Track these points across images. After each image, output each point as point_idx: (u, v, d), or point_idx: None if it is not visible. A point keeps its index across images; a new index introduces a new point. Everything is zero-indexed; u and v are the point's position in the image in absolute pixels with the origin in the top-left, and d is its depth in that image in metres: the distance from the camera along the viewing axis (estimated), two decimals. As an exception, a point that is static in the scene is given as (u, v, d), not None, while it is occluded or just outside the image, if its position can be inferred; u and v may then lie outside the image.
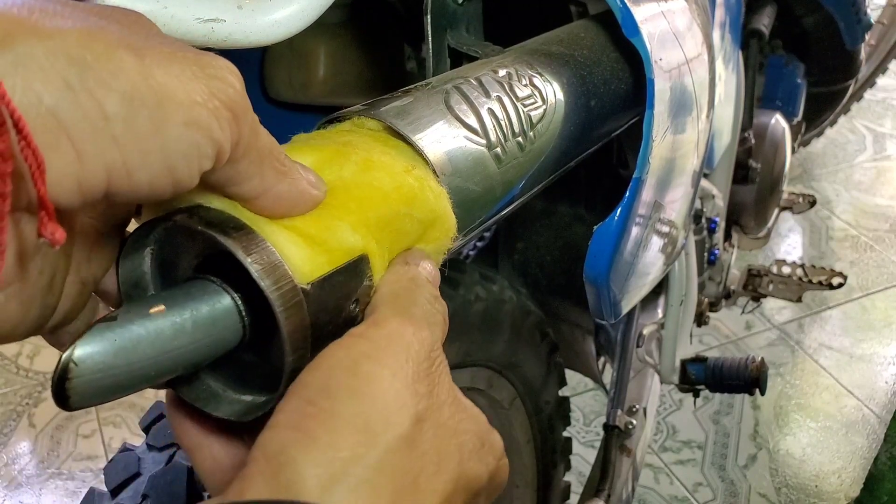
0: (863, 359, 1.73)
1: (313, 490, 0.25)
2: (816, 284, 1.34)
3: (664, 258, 0.66)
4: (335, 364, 0.28)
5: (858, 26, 1.22)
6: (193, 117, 0.25)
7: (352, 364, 0.28)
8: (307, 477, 0.25)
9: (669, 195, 0.61)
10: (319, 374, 0.28)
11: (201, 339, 0.29)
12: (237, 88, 0.27)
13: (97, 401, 0.27)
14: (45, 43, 0.23)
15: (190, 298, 0.29)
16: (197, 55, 0.27)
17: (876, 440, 1.53)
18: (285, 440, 0.26)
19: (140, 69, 0.24)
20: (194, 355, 0.29)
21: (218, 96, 0.26)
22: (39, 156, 0.23)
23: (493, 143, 0.41)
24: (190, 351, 0.28)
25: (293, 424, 0.26)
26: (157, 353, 0.27)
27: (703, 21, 0.64)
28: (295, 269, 0.29)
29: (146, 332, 0.27)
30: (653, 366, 0.96)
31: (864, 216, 2.16)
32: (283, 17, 0.44)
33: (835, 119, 1.77)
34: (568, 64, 0.50)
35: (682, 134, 0.58)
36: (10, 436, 1.50)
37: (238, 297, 0.30)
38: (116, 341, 0.26)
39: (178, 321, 0.28)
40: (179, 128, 0.25)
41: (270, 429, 0.27)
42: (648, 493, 1.45)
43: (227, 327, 0.29)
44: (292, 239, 0.30)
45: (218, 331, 0.29)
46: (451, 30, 0.54)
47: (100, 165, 0.24)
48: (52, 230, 0.23)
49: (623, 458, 0.90)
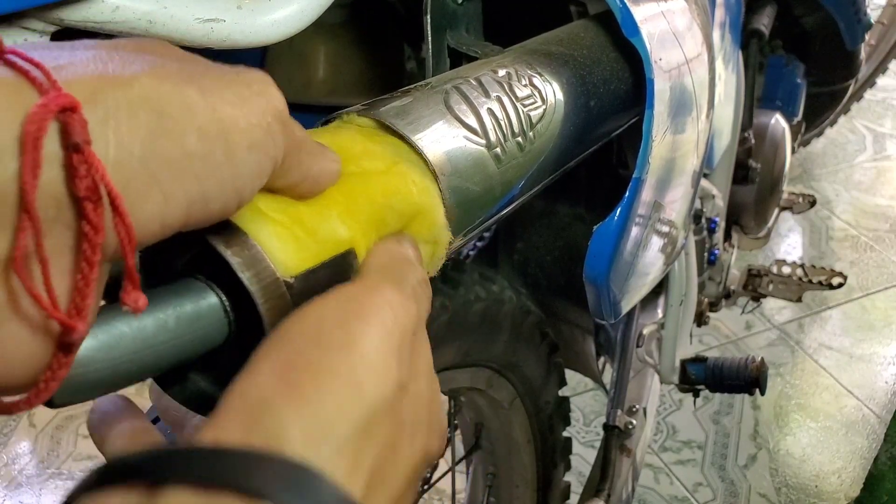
0: (863, 359, 1.73)
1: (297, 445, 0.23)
2: (816, 284, 1.34)
3: (664, 258, 0.66)
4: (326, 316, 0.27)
5: (858, 26, 1.22)
6: (254, 141, 0.27)
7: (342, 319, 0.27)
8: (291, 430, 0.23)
9: (669, 195, 0.61)
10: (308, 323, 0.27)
11: (185, 335, 0.28)
12: (280, 99, 0.28)
13: (81, 397, 0.27)
14: (126, 94, 0.24)
15: (174, 295, 0.29)
16: (238, 74, 0.28)
17: (876, 440, 1.53)
18: (268, 388, 0.24)
19: (206, 104, 0.25)
20: (179, 352, 0.28)
21: (269, 112, 0.27)
22: (132, 230, 0.23)
23: (492, 143, 0.41)
24: (174, 347, 0.28)
25: (278, 373, 0.25)
26: (140, 350, 0.27)
27: (703, 21, 0.64)
28: (278, 262, 0.29)
29: (129, 329, 0.27)
30: (653, 366, 0.96)
31: (864, 216, 2.16)
32: (283, 18, 0.44)
33: (835, 119, 1.77)
34: (567, 64, 0.50)
35: (681, 134, 0.59)
36: (10, 436, 1.50)
37: (223, 294, 0.29)
38: (99, 337, 0.26)
39: (161, 317, 0.28)
40: (245, 153, 0.26)
41: (251, 374, 0.25)
42: (648, 493, 1.45)
43: (212, 324, 0.29)
44: (277, 232, 0.30)
45: (202, 327, 0.29)
46: (450, 30, 0.54)
47: (183, 203, 0.25)
48: (135, 298, 0.24)
49: (623, 458, 0.90)
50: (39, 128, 0.21)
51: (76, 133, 0.22)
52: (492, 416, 0.84)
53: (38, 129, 0.21)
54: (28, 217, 0.22)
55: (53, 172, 0.22)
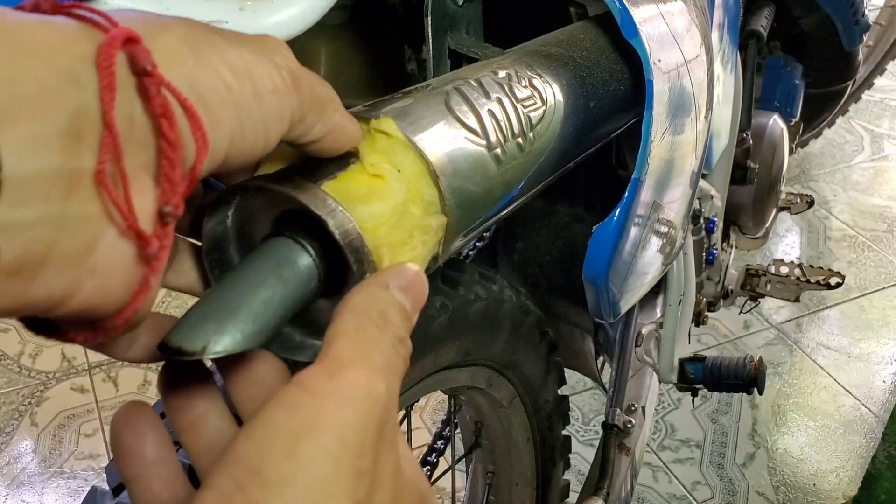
0: (860, 358, 1.74)
1: None
2: (814, 284, 1.35)
3: (663, 258, 0.66)
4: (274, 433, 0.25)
5: (856, 27, 1.23)
6: (275, 85, 0.29)
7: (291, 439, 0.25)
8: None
9: (668, 195, 0.61)
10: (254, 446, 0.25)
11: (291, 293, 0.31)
12: (291, 57, 0.31)
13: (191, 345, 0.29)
14: (170, 34, 0.27)
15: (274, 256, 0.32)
16: (255, 36, 0.31)
17: (874, 439, 1.54)
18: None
19: (233, 49, 0.28)
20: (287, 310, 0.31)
21: (283, 67, 0.30)
22: (205, 133, 0.26)
23: (492, 144, 0.41)
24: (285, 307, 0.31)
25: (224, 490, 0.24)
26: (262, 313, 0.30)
27: (702, 22, 0.64)
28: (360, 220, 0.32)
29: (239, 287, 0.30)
30: (651, 365, 0.96)
31: (862, 216, 2.17)
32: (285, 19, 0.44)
33: (833, 120, 1.77)
34: (567, 65, 0.50)
35: (680, 135, 0.59)
36: (13, 435, 1.50)
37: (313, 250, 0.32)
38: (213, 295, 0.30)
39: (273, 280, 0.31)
40: (268, 94, 0.29)
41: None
42: (647, 492, 1.45)
43: (310, 279, 0.32)
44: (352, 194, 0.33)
45: (303, 284, 0.32)
46: (451, 31, 0.54)
47: (227, 131, 0.28)
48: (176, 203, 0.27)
49: (622, 456, 0.90)
50: (111, 53, 0.24)
51: (144, 58, 0.25)
52: (491, 414, 0.84)
53: (110, 54, 0.24)
54: (108, 132, 0.24)
55: (126, 95, 0.25)
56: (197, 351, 0.28)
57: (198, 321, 0.29)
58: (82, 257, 0.25)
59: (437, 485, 1.16)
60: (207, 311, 0.30)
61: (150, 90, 0.25)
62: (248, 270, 0.31)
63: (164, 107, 0.25)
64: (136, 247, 0.26)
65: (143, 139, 0.26)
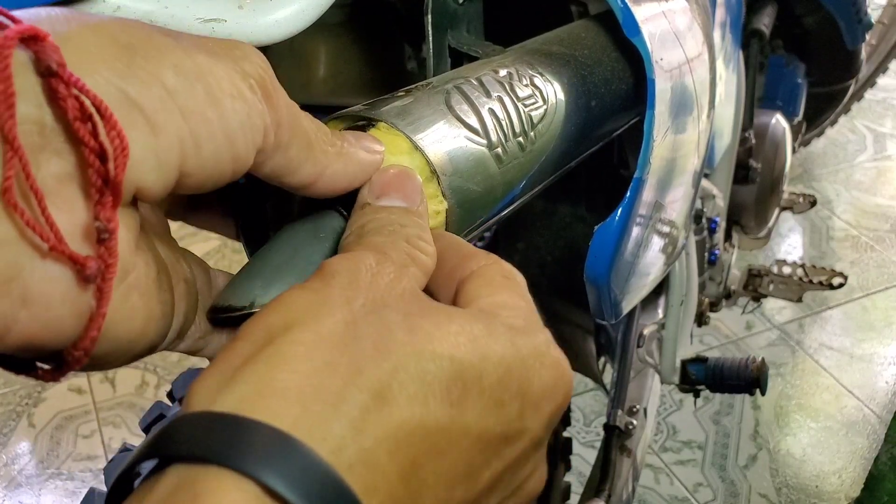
0: (863, 359, 1.73)
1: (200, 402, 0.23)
2: (817, 284, 1.34)
3: (665, 258, 0.66)
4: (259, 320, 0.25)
5: (859, 26, 1.22)
6: (238, 89, 0.26)
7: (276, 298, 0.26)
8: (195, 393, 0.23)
9: (670, 195, 0.61)
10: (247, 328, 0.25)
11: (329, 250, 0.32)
12: (265, 67, 0.28)
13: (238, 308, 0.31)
14: (97, 34, 0.24)
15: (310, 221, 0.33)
16: (221, 40, 0.28)
17: (876, 440, 1.53)
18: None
19: (180, 49, 0.26)
20: None
21: (251, 74, 0.27)
22: (124, 137, 0.23)
23: (493, 143, 0.41)
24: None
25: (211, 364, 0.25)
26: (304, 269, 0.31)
27: (704, 21, 0.64)
28: None
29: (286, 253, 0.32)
30: (653, 366, 0.96)
31: (865, 216, 2.16)
32: (284, 17, 0.44)
33: (835, 119, 1.76)
34: (569, 64, 0.50)
35: (682, 134, 0.58)
36: (10, 436, 1.50)
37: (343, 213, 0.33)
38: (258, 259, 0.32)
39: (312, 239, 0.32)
40: (228, 99, 0.26)
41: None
42: (649, 494, 1.45)
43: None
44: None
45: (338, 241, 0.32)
46: (451, 30, 0.54)
47: (173, 137, 0.25)
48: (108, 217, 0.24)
49: (623, 458, 0.90)
50: (3, 55, 0.21)
51: (48, 57, 0.22)
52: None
53: (3, 56, 0.21)
54: (10, 147, 0.21)
55: (33, 98, 0.22)
56: (245, 306, 0.29)
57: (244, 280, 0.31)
58: (5, 283, 0.22)
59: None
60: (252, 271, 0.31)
61: (59, 91, 0.22)
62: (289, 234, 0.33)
63: (77, 110, 0.22)
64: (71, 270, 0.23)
65: (59, 146, 0.23)
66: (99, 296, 0.24)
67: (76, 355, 0.25)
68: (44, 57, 0.22)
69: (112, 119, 0.23)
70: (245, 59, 0.27)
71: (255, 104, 0.27)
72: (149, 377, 1.61)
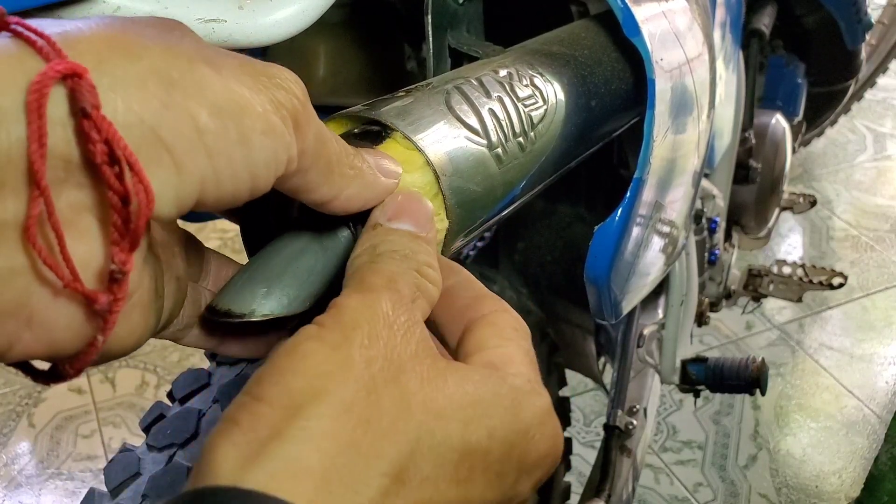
0: (863, 359, 1.73)
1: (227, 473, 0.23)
2: (817, 284, 1.34)
3: (665, 258, 0.66)
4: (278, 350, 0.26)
5: (859, 26, 1.22)
6: (270, 126, 0.26)
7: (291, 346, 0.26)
8: (221, 460, 0.23)
9: (670, 195, 0.61)
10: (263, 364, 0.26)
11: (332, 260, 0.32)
12: (301, 98, 0.28)
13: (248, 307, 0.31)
14: (136, 64, 0.23)
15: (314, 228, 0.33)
16: (263, 66, 0.28)
17: (876, 440, 1.53)
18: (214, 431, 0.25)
19: (221, 82, 0.25)
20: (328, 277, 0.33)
21: (285, 105, 0.27)
22: (150, 188, 0.23)
23: (493, 143, 0.41)
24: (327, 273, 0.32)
25: (225, 416, 0.25)
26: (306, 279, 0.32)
27: (704, 21, 0.64)
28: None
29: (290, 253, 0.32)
30: (653, 366, 0.96)
31: (865, 216, 2.16)
32: (284, 18, 0.44)
33: (835, 119, 1.76)
34: (569, 64, 0.50)
35: (682, 134, 0.58)
36: (10, 436, 1.50)
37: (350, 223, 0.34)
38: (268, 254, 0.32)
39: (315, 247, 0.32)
40: (259, 136, 0.26)
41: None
42: (649, 494, 1.45)
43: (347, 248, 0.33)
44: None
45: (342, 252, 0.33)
46: (451, 30, 0.54)
47: (196, 177, 0.25)
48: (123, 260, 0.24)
49: (623, 458, 0.89)
50: (42, 94, 0.21)
51: (83, 98, 0.22)
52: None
53: (41, 95, 0.21)
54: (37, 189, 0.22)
55: (63, 135, 0.22)
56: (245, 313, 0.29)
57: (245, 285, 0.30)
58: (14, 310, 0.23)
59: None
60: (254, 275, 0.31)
61: (90, 135, 0.22)
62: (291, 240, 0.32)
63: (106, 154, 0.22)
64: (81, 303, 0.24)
65: (82, 180, 0.23)
66: (103, 327, 0.25)
67: (70, 372, 0.25)
68: (80, 97, 0.22)
69: (140, 171, 0.23)
70: (283, 88, 0.27)
71: (283, 137, 0.27)
72: (149, 377, 1.61)
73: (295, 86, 0.28)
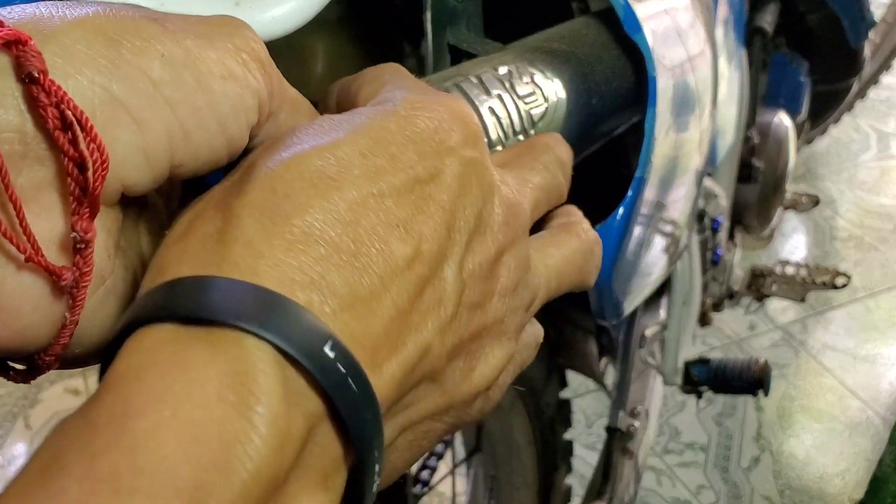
0: (867, 360, 1.73)
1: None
2: (820, 285, 1.34)
3: (667, 258, 0.65)
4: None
5: (862, 24, 1.21)
6: (229, 70, 0.26)
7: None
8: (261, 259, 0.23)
9: (672, 194, 0.60)
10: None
11: None
12: (257, 41, 0.28)
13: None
14: (80, 27, 0.23)
15: None
16: (211, 18, 0.27)
17: (880, 442, 1.53)
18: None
19: (169, 35, 0.25)
20: None
21: (243, 49, 0.27)
22: (104, 149, 0.23)
23: (493, 141, 0.40)
24: None
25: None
26: None
27: (706, 18, 0.63)
28: None
29: None
30: (655, 367, 0.95)
31: (869, 216, 2.15)
32: (281, 15, 0.43)
33: (839, 117, 1.76)
34: (569, 61, 0.49)
35: (684, 132, 0.58)
36: (6, 437, 1.50)
37: None
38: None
39: None
40: (219, 81, 0.25)
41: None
42: (651, 496, 1.44)
43: None
44: None
45: None
46: (450, 27, 0.53)
47: (160, 131, 0.24)
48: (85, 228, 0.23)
49: (625, 460, 0.89)
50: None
51: (30, 64, 0.21)
52: (492, 418, 0.83)
53: None
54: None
55: (14, 105, 0.22)
56: None
57: None
58: None
59: (438, 489, 1.15)
60: None
61: (40, 100, 0.22)
62: None
63: (57, 118, 0.22)
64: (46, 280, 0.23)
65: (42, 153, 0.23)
66: (72, 304, 0.24)
67: (47, 360, 0.24)
68: (25, 63, 0.21)
69: (92, 131, 0.22)
70: (237, 34, 0.27)
71: (247, 81, 0.26)
72: (148, 378, 1.61)
73: (247, 29, 0.28)
